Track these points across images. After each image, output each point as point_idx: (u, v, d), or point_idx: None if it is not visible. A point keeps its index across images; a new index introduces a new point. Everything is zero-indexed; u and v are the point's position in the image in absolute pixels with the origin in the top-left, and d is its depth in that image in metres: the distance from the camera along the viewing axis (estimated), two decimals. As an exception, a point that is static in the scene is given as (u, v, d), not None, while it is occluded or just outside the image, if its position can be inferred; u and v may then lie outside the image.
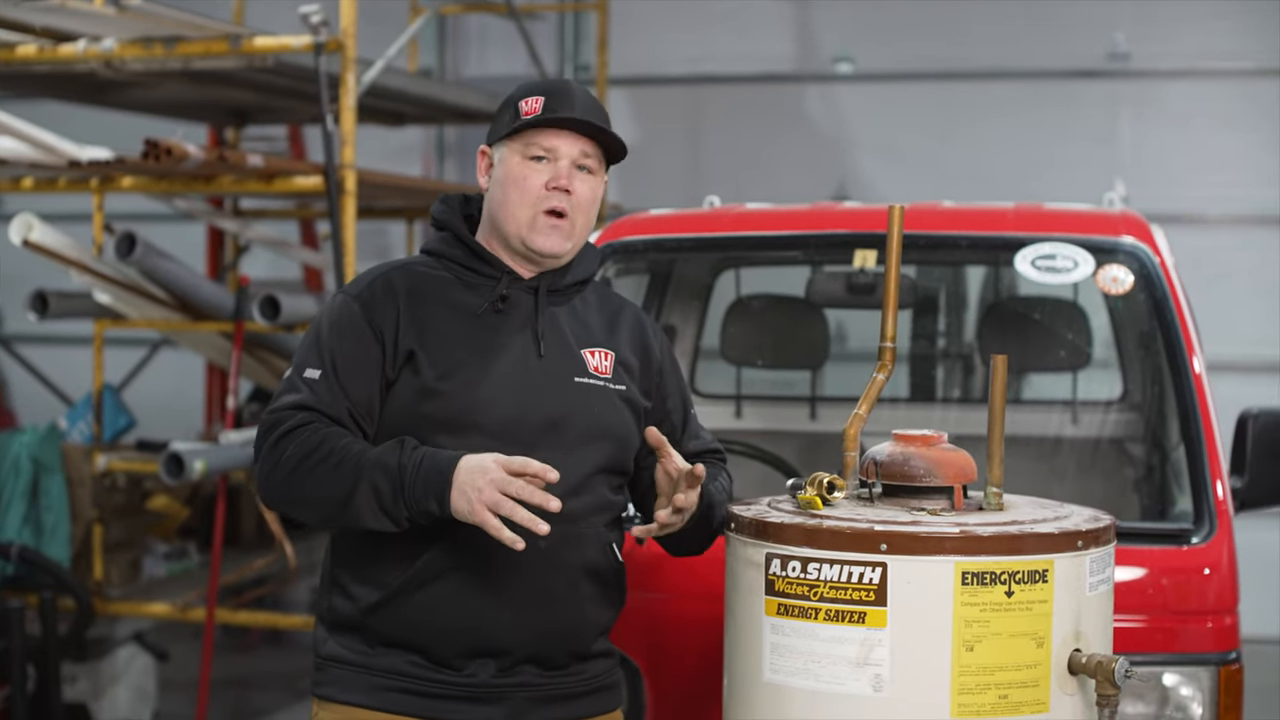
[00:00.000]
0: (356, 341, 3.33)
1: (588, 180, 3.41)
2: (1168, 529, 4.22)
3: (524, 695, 3.36)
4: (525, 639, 3.34)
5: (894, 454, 3.24)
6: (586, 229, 3.45)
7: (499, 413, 3.30)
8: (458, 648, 3.32)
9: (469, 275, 3.44)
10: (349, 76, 6.88)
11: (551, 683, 3.40)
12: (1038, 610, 3.00)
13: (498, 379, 3.33)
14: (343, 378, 3.30)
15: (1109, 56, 10.62)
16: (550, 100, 3.38)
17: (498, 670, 3.34)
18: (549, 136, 3.38)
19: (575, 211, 3.40)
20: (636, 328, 3.58)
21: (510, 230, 3.40)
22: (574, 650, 3.41)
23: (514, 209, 3.39)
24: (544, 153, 3.39)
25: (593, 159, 3.42)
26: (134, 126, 8.85)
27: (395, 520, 3.17)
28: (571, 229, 3.40)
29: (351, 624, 3.38)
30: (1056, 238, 4.74)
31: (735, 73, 11.19)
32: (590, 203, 3.42)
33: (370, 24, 7.68)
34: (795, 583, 3.04)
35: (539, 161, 3.39)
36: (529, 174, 3.38)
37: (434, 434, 3.29)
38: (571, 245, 3.43)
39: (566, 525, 3.31)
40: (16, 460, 7.47)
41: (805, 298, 5.63)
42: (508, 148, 3.41)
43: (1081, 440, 5.72)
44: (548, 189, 3.37)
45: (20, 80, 7.96)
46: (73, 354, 10.78)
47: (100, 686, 7.64)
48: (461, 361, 3.32)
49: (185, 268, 7.62)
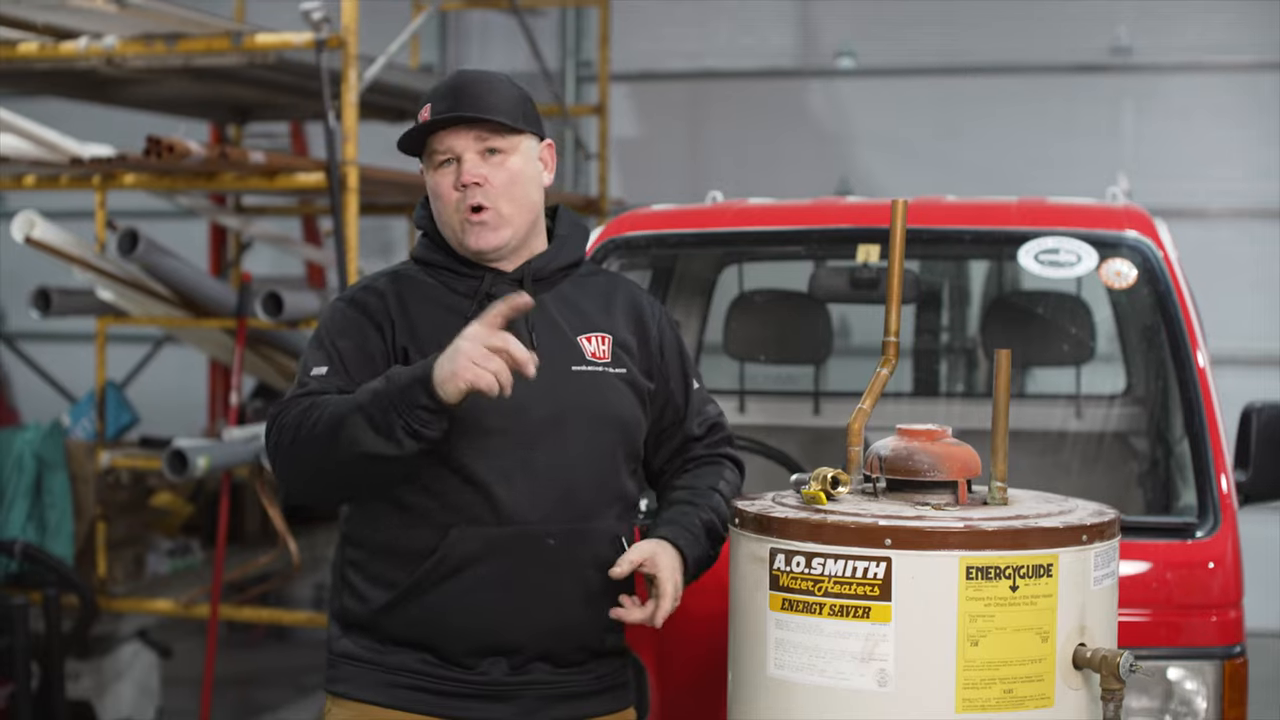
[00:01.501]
0: (359, 334, 3.35)
1: (501, 162, 3.34)
2: (1172, 523, 4.21)
3: (535, 693, 3.36)
4: (536, 636, 3.34)
5: (898, 449, 3.24)
6: (522, 210, 3.37)
7: (497, 411, 3.27)
8: (469, 646, 3.32)
9: (453, 278, 3.42)
10: (351, 73, 6.87)
11: (564, 680, 3.40)
12: (1042, 605, 2.99)
13: None
14: (350, 367, 3.31)
15: (1111, 51, 10.61)
16: (434, 103, 3.36)
17: (509, 668, 3.34)
18: (442, 139, 3.35)
19: (497, 199, 3.33)
20: (632, 306, 3.55)
21: (453, 240, 3.39)
22: (586, 647, 3.41)
23: (445, 219, 3.38)
24: (445, 155, 3.35)
25: (496, 140, 3.34)
26: (136, 123, 8.85)
27: (389, 434, 3.08)
28: (498, 218, 3.35)
29: (363, 623, 3.39)
30: (1060, 232, 4.74)
31: (737, 68, 11.19)
32: (510, 182, 3.34)
33: (372, 20, 7.68)
34: (800, 578, 3.04)
35: (446, 165, 3.36)
36: (441, 181, 3.36)
37: None
38: (509, 233, 3.36)
39: (576, 522, 3.32)
40: (20, 457, 7.47)
41: (808, 293, 5.62)
42: (424, 163, 3.40)
43: (1085, 434, 5.71)
44: (457, 190, 3.34)
45: (22, 77, 7.96)
46: (76, 351, 10.78)
47: (104, 684, 7.65)
48: None
49: (188, 264, 7.62)
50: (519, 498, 3.29)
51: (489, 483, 3.27)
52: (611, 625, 3.45)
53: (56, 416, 8.22)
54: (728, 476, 3.59)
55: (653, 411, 3.53)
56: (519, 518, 3.28)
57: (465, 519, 3.27)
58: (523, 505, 3.29)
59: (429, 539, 3.29)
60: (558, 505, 3.32)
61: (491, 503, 3.27)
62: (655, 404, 3.52)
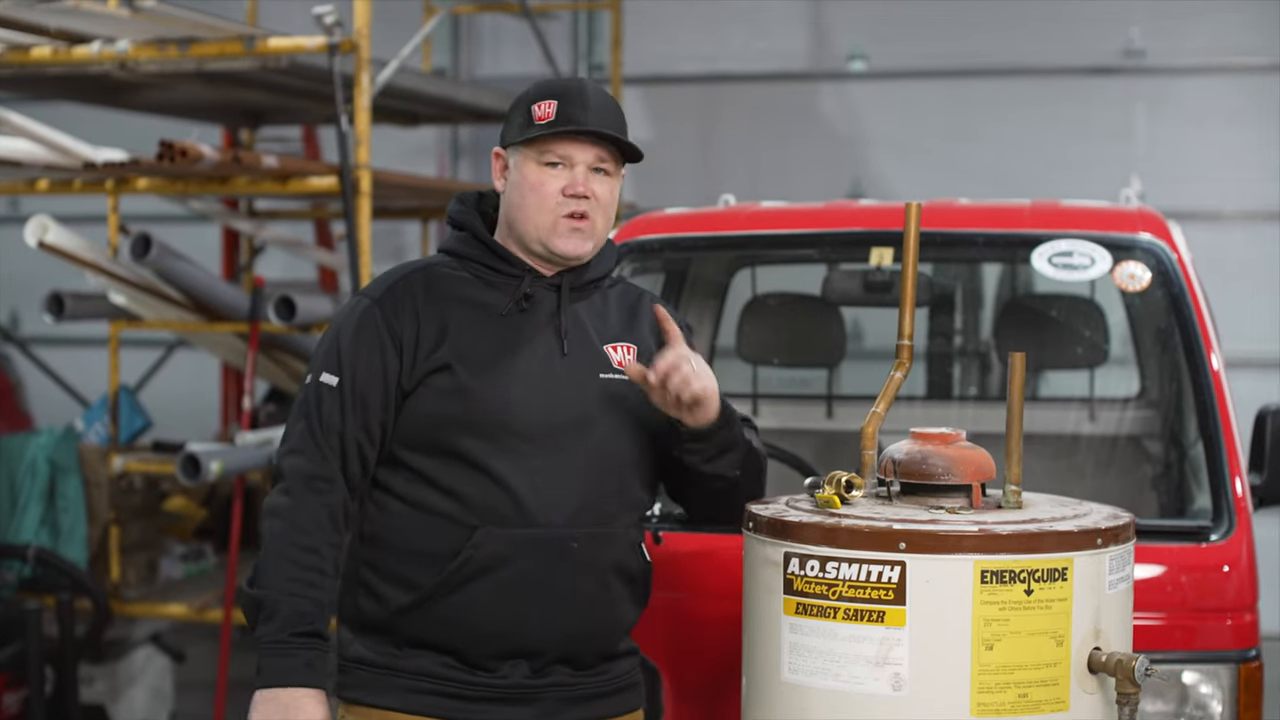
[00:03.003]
0: (375, 352, 3.34)
1: (605, 181, 3.41)
2: (1186, 526, 4.20)
3: (555, 695, 3.37)
4: (559, 640, 3.35)
5: (912, 452, 3.23)
6: (606, 228, 3.45)
7: (528, 414, 3.31)
8: (492, 649, 3.33)
9: (490, 274, 3.43)
10: (363, 77, 6.88)
11: (581, 682, 3.40)
12: (1057, 609, 2.99)
13: (525, 379, 3.33)
14: (360, 390, 3.32)
15: (1124, 53, 10.59)
16: (563, 106, 3.36)
17: (530, 671, 3.35)
18: (563, 144, 3.37)
19: (595, 212, 3.39)
20: (653, 318, 3.54)
21: (530, 235, 3.40)
22: (602, 650, 3.42)
23: (533, 214, 3.39)
24: (559, 159, 3.37)
25: (609, 162, 3.41)
26: (148, 128, 8.85)
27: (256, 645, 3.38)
28: (593, 229, 3.40)
29: (378, 625, 3.38)
30: (1074, 235, 4.73)
31: (749, 71, 11.18)
32: (609, 202, 3.42)
33: (384, 24, 7.69)
34: (814, 582, 3.04)
35: (554, 167, 3.38)
36: (545, 180, 3.37)
37: (461, 436, 3.30)
38: (593, 245, 3.42)
39: (598, 526, 3.33)
40: (33, 462, 7.48)
41: (821, 296, 5.62)
42: (522, 153, 3.40)
43: (1099, 438, 5.70)
44: (565, 195, 3.37)
45: (35, 82, 7.96)
46: (89, 355, 10.79)
47: (117, 688, 7.66)
48: (488, 362, 3.33)
49: (200, 269, 7.62)
50: (545, 501, 3.29)
51: (516, 485, 3.28)
52: (625, 628, 3.47)
53: (70, 421, 8.23)
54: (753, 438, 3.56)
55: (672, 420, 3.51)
56: (544, 520, 3.29)
57: (491, 520, 3.28)
58: (548, 508, 3.29)
59: (454, 540, 3.28)
60: (581, 509, 3.32)
61: (518, 505, 3.27)
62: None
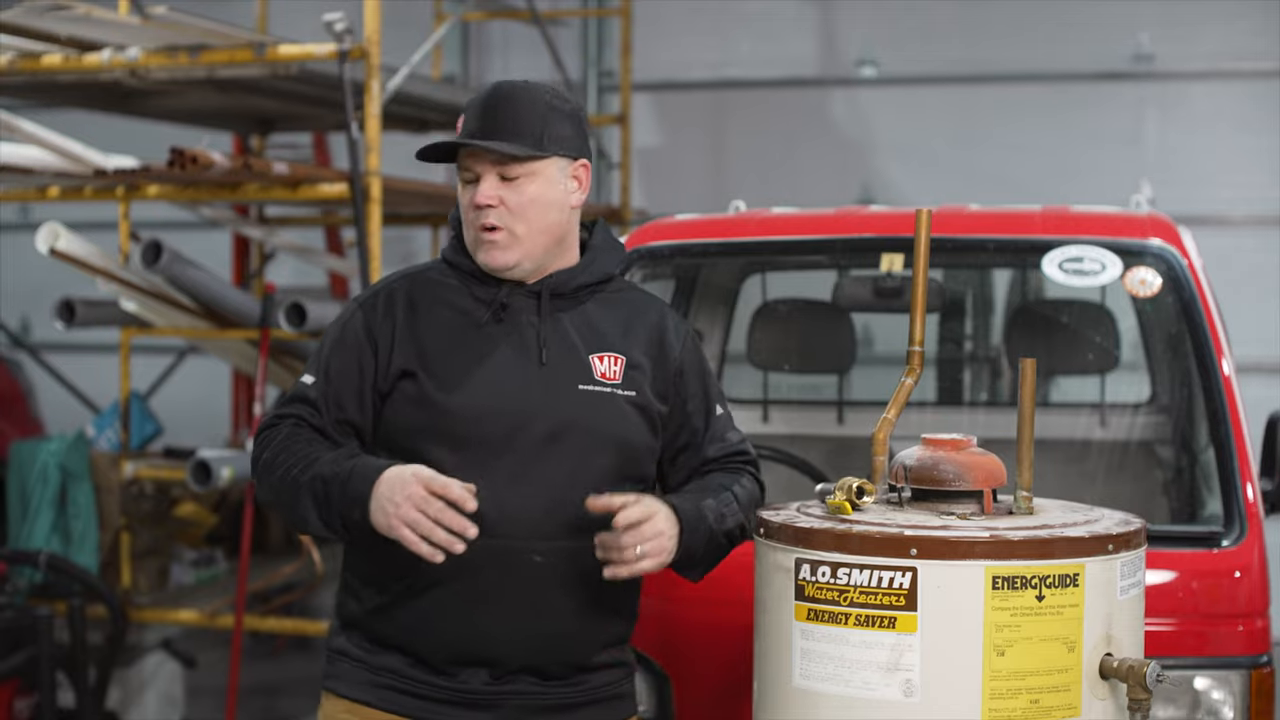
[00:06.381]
0: (352, 354, 3.38)
1: (517, 187, 3.32)
2: (1198, 532, 4.21)
3: (517, 703, 3.36)
4: (518, 651, 3.33)
5: (923, 458, 3.23)
6: (537, 232, 3.34)
7: (495, 425, 3.29)
8: (449, 655, 3.34)
9: (474, 283, 3.42)
10: (373, 84, 6.89)
11: (549, 692, 3.38)
12: (1069, 614, 2.99)
13: (497, 390, 3.31)
14: (334, 388, 3.36)
15: (1133, 58, 10.58)
16: (467, 118, 3.36)
17: (490, 678, 3.34)
18: (468, 157, 3.34)
19: (510, 221, 3.32)
20: (655, 328, 3.50)
21: (472, 253, 3.40)
22: (573, 662, 3.39)
23: (467, 229, 3.39)
24: (468, 173, 3.35)
25: (518, 165, 3.31)
26: (159, 135, 8.87)
27: (333, 529, 3.24)
28: (510, 238, 3.33)
29: (357, 623, 3.43)
30: (1084, 240, 4.73)
31: (759, 77, 11.18)
32: (525, 206, 3.32)
33: (394, 31, 7.69)
34: (825, 588, 3.04)
35: (470, 183, 3.35)
36: (463, 196, 3.37)
37: (432, 446, 3.30)
38: (520, 254, 3.34)
39: (568, 539, 3.30)
40: (44, 468, 7.49)
41: (832, 302, 5.62)
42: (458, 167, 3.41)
43: (1110, 443, 5.70)
44: (475, 208, 3.34)
45: (46, 89, 7.99)
46: (100, 362, 10.82)
47: (129, 694, 7.66)
48: (460, 373, 3.32)
49: (211, 275, 7.63)
50: (508, 512, 3.26)
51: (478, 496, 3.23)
52: (608, 640, 3.43)
53: (80, 427, 8.24)
54: (744, 483, 3.50)
55: (667, 433, 3.48)
56: (503, 532, 3.26)
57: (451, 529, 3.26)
58: (511, 520, 3.27)
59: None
60: (547, 522, 3.29)
61: (480, 516, 3.21)
62: (670, 426, 3.48)
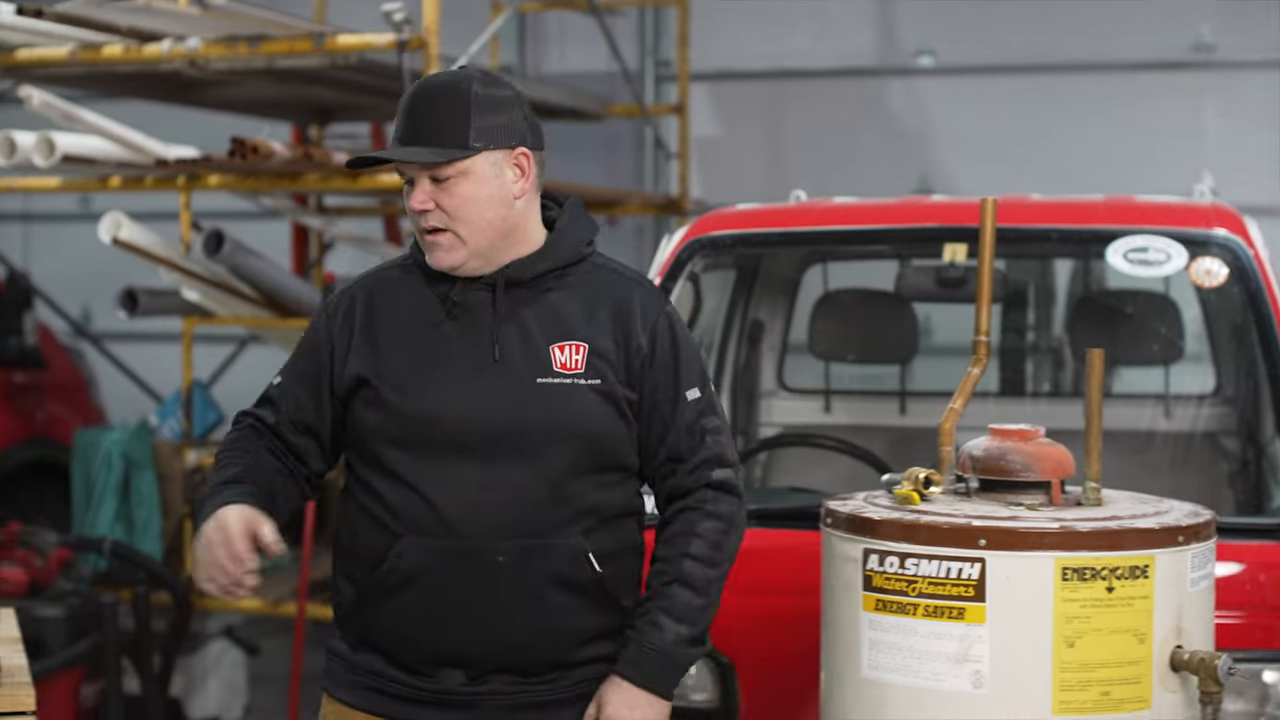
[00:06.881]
0: (309, 356, 3.43)
1: (450, 188, 3.25)
2: (1265, 524, 4.18)
3: (495, 702, 3.31)
4: (490, 651, 3.29)
5: (991, 449, 3.23)
6: (479, 230, 3.27)
7: (450, 425, 3.26)
8: (423, 656, 3.32)
9: (433, 280, 3.36)
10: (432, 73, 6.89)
11: (528, 690, 3.32)
12: (1139, 606, 2.98)
13: (448, 390, 3.27)
14: (293, 390, 3.43)
15: (1194, 48, 10.51)
16: (395, 124, 3.32)
17: (466, 678, 3.31)
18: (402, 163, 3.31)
19: (449, 222, 3.26)
20: (622, 313, 3.35)
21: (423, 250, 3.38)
22: (550, 660, 3.33)
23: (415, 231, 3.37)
24: (404, 177, 3.32)
25: (443, 167, 3.25)
26: (218, 125, 8.90)
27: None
28: (454, 239, 3.27)
29: (342, 620, 3.43)
30: (1149, 230, 4.71)
31: (816, 67, 11.15)
32: (459, 207, 3.25)
33: (452, 21, 7.69)
34: (893, 578, 3.04)
35: (410, 184, 3.31)
36: (407, 197, 3.31)
37: (386, 448, 3.29)
38: (465, 253, 3.28)
39: (533, 537, 3.25)
40: (108, 457, 7.54)
41: (894, 292, 5.60)
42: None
43: (1175, 435, 5.67)
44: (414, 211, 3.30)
45: (107, 80, 8.03)
46: (162, 351, 10.86)
47: (192, 681, 7.71)
48: (414, 376, 3.29)
49: (272, 264, 7.67)
50: (468, 513, 3.24)
51: (435, 497, 3.24)
52: (587, 636, 3.35)
53: (143, 416, 8.28)
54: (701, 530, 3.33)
55: (640, 421, 3.36)
56: (465, 532, 3.23)
57: (415, 531, 3.24)
58: (469, 520, 3.24)
59: (383, 545, 3.28)
60: (510, 522, 3.24)
61: (438, 517, 3.22)
62: (642, 413, 3.36)
